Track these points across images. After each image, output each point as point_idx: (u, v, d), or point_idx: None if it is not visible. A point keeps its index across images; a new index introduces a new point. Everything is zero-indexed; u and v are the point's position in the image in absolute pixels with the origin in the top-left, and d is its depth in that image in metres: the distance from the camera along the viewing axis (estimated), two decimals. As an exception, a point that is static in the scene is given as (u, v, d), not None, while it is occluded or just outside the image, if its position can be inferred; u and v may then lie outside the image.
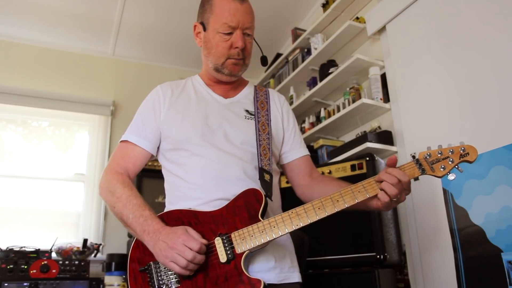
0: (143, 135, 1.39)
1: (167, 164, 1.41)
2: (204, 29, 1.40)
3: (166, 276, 1.19)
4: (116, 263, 3.04)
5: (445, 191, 2.08)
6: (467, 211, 1.97)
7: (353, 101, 2.70)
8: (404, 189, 1.15)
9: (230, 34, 1.34)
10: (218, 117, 1.39)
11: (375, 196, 1.17)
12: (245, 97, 1.49)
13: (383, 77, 2.67)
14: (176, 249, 1.11)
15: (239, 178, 1.29)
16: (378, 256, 2.02)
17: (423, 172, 1.17)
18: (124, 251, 3.22)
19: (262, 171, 1.30)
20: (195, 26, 1.45)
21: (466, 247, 1.96)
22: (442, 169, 1.16)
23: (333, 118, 2.85)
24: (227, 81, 1.44)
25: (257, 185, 1.27)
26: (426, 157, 1.18)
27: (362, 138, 2.53)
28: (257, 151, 1.34)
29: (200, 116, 1.38)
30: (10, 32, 3.67)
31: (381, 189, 1.15)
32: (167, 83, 1.48)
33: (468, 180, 1.97)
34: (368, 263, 2.06)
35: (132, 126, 1.42)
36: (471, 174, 1.95)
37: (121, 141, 1.42)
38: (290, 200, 1.43)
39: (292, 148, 1.49)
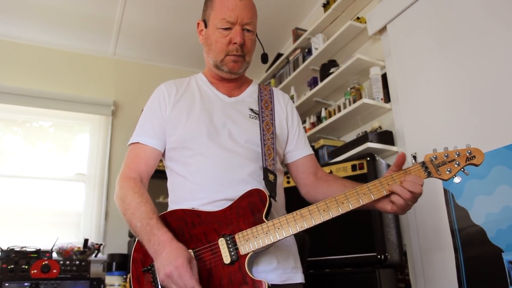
0: (152, 134, 1.37)
1: (170, 164, 1.40)
2: (206, 26, 1.41)
3: (169, 277, 1.18)
4: (117, 263, 3.05)
5: (446, 191, 2.08)
6: (468, 211, 1.97)
7: (354, 101, 2.71)
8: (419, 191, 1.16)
9: (229, 29, 1.34)
10: (222, 116, 1.38)
11: (382, 198, 1.17)
12: (249, 96, 1.48)
13: (384, 77, 2.67)
14: (172, 280, 1.08)
15: (243, 178, 1.28)
16: (379, 256, 2.02)
17: (429, 175, 1.17)
18: (125, 251, 3.22)
19: (266, 171, 1.29)
20: (198, 23, 1.45)
21: (467, 247, 1.96)
22: (448, 172, 1.16)
23: (334, 118, 2.85)
24: (228, 78, 1.43)
25: (261, 185, 1.26)
26: (432, 160, 1.18)
27: (363, 138, 2.53)
28: (262, 151, 1.34)
29: (205, 115, 1.37)
30: (10, 32, 3.67)
31: (393, 192, 1.15)
32: (171, 82, 1.47)
33: (469, 180, 1.97)
34: (369, 263, 2.06)
35: (139, 127, 1.41)
36: (472, 174, 1.92)
37: (130, 144, 1.39)
38: (294, 200, 1.43)
39: (296, 148, 1.49)
